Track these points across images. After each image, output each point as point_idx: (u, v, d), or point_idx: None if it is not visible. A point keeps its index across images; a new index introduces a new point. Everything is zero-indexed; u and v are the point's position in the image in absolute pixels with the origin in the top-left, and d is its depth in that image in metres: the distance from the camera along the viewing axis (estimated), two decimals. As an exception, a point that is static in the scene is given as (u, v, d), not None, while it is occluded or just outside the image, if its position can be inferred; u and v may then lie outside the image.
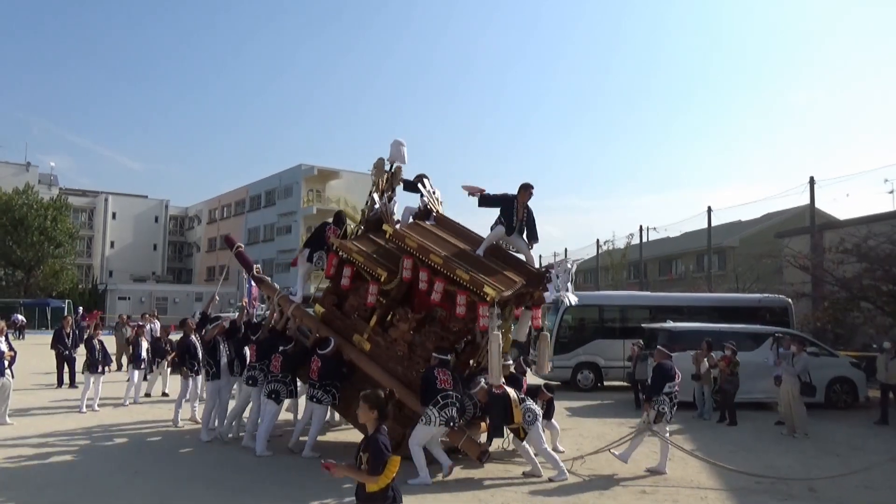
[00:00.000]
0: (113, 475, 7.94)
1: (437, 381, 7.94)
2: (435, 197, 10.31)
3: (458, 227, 9.91)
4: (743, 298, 19.74)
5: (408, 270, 8.75)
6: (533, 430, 8.27)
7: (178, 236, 72.24)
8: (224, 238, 13.55)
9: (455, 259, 8.57)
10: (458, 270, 8.28)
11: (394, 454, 8.83)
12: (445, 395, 7.87)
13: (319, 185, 53.96)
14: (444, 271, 8.39)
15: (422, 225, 9.57)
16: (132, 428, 11.00)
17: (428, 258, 8.53)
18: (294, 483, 7.75)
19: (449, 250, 8.81)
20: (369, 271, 9.11)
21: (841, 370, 14.84)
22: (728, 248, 35.81)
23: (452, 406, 7.87)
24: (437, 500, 7.18)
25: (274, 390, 9.21)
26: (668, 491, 7.87)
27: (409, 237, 8.84)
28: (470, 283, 8.18)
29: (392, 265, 9.01)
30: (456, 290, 8.34)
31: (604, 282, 41.75)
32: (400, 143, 10.12)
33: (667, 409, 8.75)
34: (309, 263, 10.32)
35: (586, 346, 17.56)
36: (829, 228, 23.65)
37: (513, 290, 8.43)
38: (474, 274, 8.26)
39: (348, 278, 9.35)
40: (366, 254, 9.23)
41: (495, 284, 8.19)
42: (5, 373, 10.85)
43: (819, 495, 7.74)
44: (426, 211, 9.96)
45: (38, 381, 16.35)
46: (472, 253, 9.04)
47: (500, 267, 8.90)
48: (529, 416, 8.27)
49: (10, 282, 47.39)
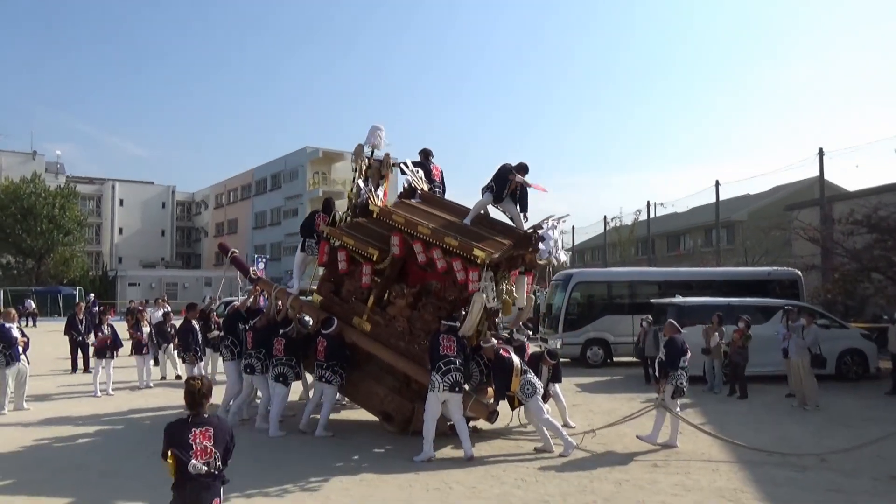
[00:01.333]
0: (130, 457, 8.05)
1: (440, 347, 8.05)
2: (419, 176, 10.37)
3: (445, 201, 10.09)
4: (752, 272, 19.64)
5: (397, 247, 8.91)
6: (531, 402, 8.31)
7: (186, 222, 72.46)
8: (218, 246, 13.83)
9: (443, 229, 8.70)
10: (447, 238, 8.45)
11: (403, 429, 8.90)
12: (447, 360, 7.94)
13: (325, 168, 53.80)
14: (434, 241, 8.53)
15: (408, 203, 9.69)
16: (147, 411, 11.14)
17: (416, 231, 8.67)
18: (308, 461, 7.84)
19: (437, 223, 8.94)
20: (361, 252, 9.23)
21: (852, 342, 14.80)
22: (736, 221, 35.61)
23: (455, 371, 7.91)
24: (450, 476, 7.25)
25: (281, 373, 9.32)
26: (679, 464, 7.92)
27: (395, 213, 9.03)
28: (460, 249, 8.34)
29: (382, 244, 9.12)
30: (452, 260, 8.48)
31: (612, 258, 41.68)
32: (377, 128, 10.24)
33: (684, 383, 8.75)
34: (303, 253, 10.43)
35: (595, 323, 17.57)
36: (838, 200, 23.46)
37: (502, 252, 8.56)
38: (463, 239, 8.40)
39: (345, 262, 9.46)
40: (355, 236, 9.35)
41: (485, 248, 8.33)
42: (20, 358, 11.00)
43: (831, 465, 7.77)
44: (411, 189, 10.06)
45: (53, 366, 16.55)
46: (459, 223, 9.16)
47: (489, 233, 9.02)
48: (528, 389, 8.29)
49: (21, 270, 47.70)
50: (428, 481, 7.09)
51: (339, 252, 9.48)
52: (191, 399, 4.19)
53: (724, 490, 6.92)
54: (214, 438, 4.09)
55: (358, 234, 9.45)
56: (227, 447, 4.18)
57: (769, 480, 7.24)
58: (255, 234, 59.59)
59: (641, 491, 6.86)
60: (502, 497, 6.64)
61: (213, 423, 4.16)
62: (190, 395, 4.20)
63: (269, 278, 13.80)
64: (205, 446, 4.04)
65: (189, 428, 4.10)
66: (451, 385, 7.89)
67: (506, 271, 9.57)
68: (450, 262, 8.50)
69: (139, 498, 6.49)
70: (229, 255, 11.84)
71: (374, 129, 10.24)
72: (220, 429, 4.19)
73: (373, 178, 10.09)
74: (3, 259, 47.97)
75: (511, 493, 6.78)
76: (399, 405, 9.02)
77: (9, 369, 10.86)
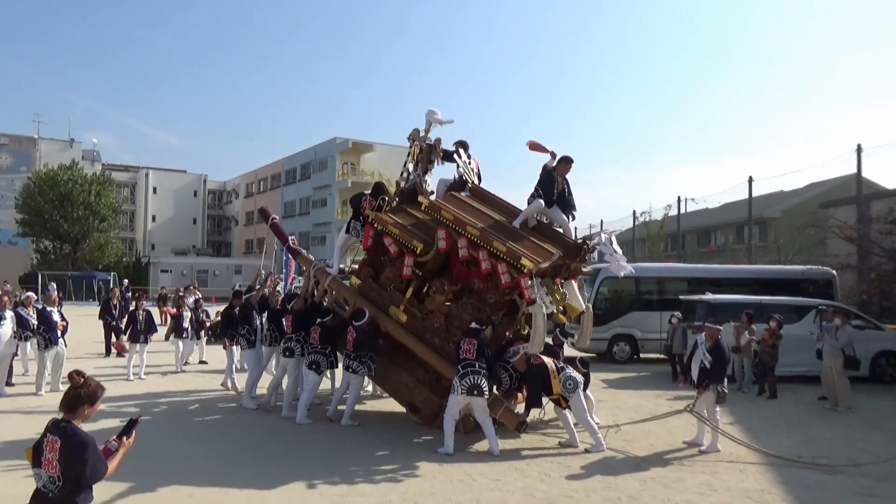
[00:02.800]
0: (162, 439, 8.23)
1: (460, 351, 8.04)
2: (471, 167, 10.24)
3: (494, 198, 9.87)
4: (785, 270, 19.26)
5: (443, 241, 8.74)
6: (575, 399, 8.24)
7: (217, 210, 73.49)
8: (259, 210, 13.54)
9: (491, 231, 8.57)
10: (495, 242, 8.28)
11: (429, 422, 8.87)
12: (465, 363, 7.92)
13: (354, 158, 54.07)
14: (481, 243, 8.39)
15: (457, 196, 9.56)
16: (178, 395, 11.38)
17: (465, 230, 8.54)
18: (334, 449, 7.93)
19: (485, 222, 8.81)
20: (405, 243, 9.13)
21: (887, 344, 14.45)
22: (769, 218, 34.90)
23: (474, 375, 7.86)
24: (474, 469, 7.28)
25: (314, 361, 9.39)
26: (706, 464, 7.83)
27: (444, 209, 8.87)
28: (507, 255, 8.18)
29: (428, 237, 9.00)
30: (494, 262, 8.34)
31: (640, 253, 41.19)
32: (433, 111, 9.95)
33: (726, 389, 8.58)
34: (346, 235, 10.40)
35: (622, 319, 17.40)
36: (876, 198, 22.86)
37: (550, 262, 8.40)
38: (511, 245, 8.25)
39: (395, 246, 9.22)
40: (401, 226, 9.23)
41: (532, 256, 8.18)
42: (59, 342, 11.32)
43: (864, 470, 7.61)
44: (461, 181, 9.93)
45: (87, 349, 16.96)
46: (508, 224, 9.02)
47: (538, 239, 8.88)
48: (570, 385, 8.25)
49: (58, 255, 48.92)
50: (452, 473, 7.12)
51: (386, 238, 9.30)
52: (63, 400, 3.56)
53: (750, 491, 6.83)
54: (60, 452, 3.39)
55: (403, 222, 9.32)
56: (76, 469, 3.39)
57: (798, 482, 7.12)
58: (284, 223, 59.86)
59: (667, 489, 6.81)
60: (525, 490, 6.65)
61: (65, 435, 3.43)
62: (65, 393, 3.58)
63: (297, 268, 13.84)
64: (49, 458, 3.41)
65: (46, 432, 3.49)
66: (468, 388, 7.84)
67: (550, 279, 9.37)
68: (495, 265, 8.32)
69: (167, 480, 6.63)
70: (269, 220, 11.62)
71: (431, 112, 9.95)
72: (71, 444, 3.40)
73: (422, 163, 9.92)
74: (41, 244, 49.24)
75: (534, 486, 6.78)
76: (427, 398, 9.03)
77: (47, 352, 11.20)
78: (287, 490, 6.49)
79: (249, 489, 6.50)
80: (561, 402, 8.30)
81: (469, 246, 8.53)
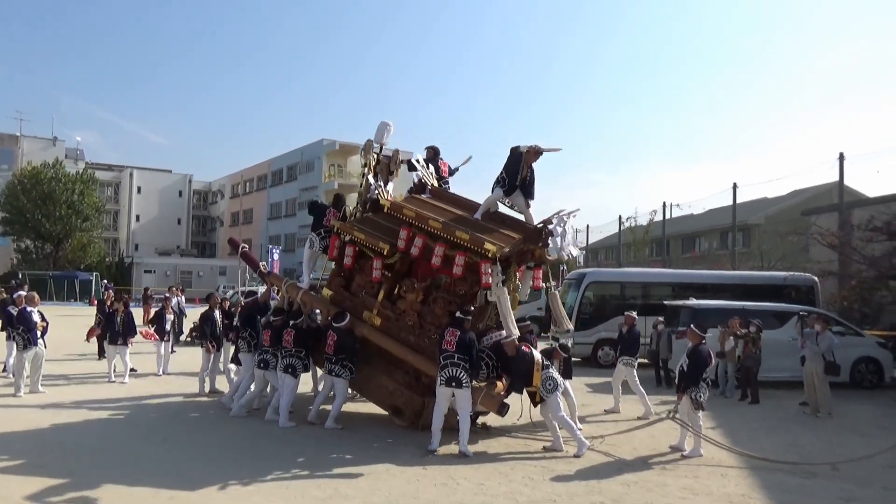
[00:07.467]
0: (144, 441, 8.17)
1: (442, 342, 8.10)
2: (430, 172, 10.44)
3: (455, 196, 10.14)
4: (768, 276, 19.44)
5: (407, 241, 8.93)
6: (551, 399, 8.28)
7: (202, 210, 73.00)
8: (228, 241, 13.80)
9: (453, 223, 8.75)
10: (458, 232, 8.50)
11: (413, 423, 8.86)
12: (445, 354, 7.98)
13: (341, 160, 53.99)
14: (444, 235, 8.59)
15: (418, 198, 9.77)
16: (161, 398, 11.25)
17: (427, 225, 8.74)
18: (317, 453, 7.89)
19: (447, 217, 8.98)
20: (371, 247, 9.28)
21: (867, 350, 14.64)
22: (753, 225, 35.26)
23: (453, 367, 7.90)
24: (458, 472, 7.27)
25: (290, 365, 9.35)
26: (689, 468, 7.88)
27: (406, 207, 9.11)
28: (471, 243, 8.39)
29: (393, 239, 9.16)
30: (457, 253, 8.52)
31: (626, 258, 41.43)
32: (386, 124, 10.34)
33: (703, 396, 8.55)
34: (310, 250, 10.53)
35: (607, 323, 17.46)
36: (857, 206, 23.15)
37: (513, 247, 8.57)
38: (474, 234, 8.43)
39: (351, 258, 9.53)
40: (366, 231, 9.40)
41: (495, 241, 8.37)
42: (38, 342, 11.16)
43: (843, 474, 7.70)
44: (421, 185, 10.12)
45: (67, 350, 16.73)
46: (469, 217, 9.17)
47: (498, 227, 9.03)
48: (550, 385, 8.28)
49: (39, 254, 48.33)
50: (436, 476, 7.12)
51: (347, 247, 9.54)
52: None
53: (732, 495, 6.88)
54: None
55: (368, 228, 9.52)
56: None
57: (778, 487, 7.19)
58: (269, 225, 59.91)
59: (650, 493, 6.84)
60: (509, 495, 6.65)
61: None
62: None
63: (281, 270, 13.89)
64: None
65: None
66: (446, 380, 7.93)
67: (514, 266, 9.50)
68: (451, 256, 8.53)
69: (149, 482, 6.57)
70: (239, 250, 11.86)
71: (384, 124, 10.32)
72: None
73: (382, 174, 10.17)
74: (22, 243, 48.62)
75: (518, 490, 6.79)
76: (409, 399, 9.06)
77: (26, 353, 11.03)
78: (270, 493, 6.44)
79: (231, 492, 6.45)
80: (536, 396, 8.33)
81: (427, 239, 8.74)
